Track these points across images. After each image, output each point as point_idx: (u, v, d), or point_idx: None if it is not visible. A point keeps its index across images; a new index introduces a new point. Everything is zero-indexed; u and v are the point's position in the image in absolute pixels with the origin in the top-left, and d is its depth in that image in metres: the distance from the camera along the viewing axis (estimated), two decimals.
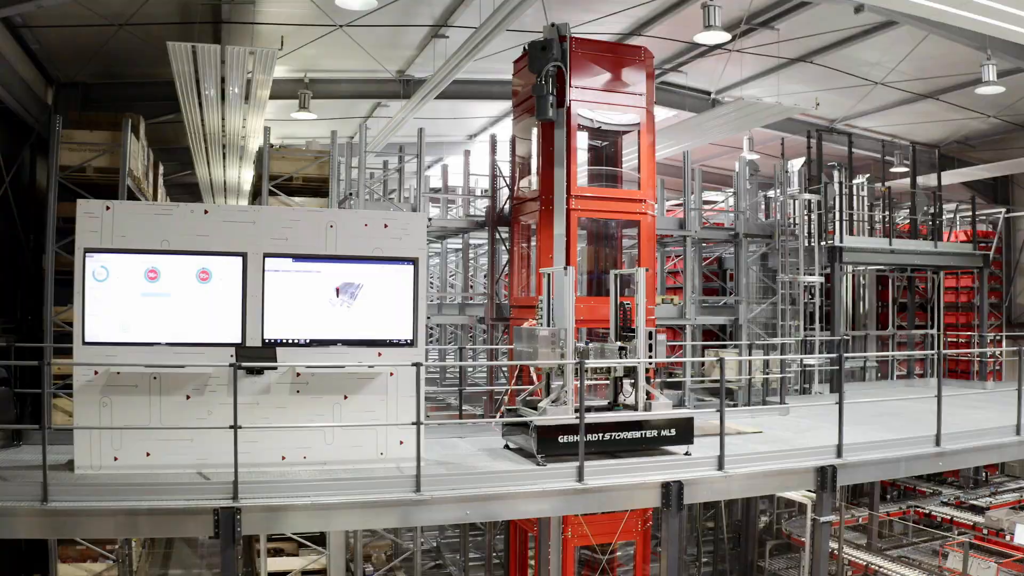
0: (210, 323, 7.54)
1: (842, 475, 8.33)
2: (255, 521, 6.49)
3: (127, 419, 7.29)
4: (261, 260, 7.60)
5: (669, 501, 7.37)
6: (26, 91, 11.73)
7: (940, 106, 16.37)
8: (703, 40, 11.67)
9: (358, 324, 7.81)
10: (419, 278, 7.96)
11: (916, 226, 15.84)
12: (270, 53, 10.73)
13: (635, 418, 8.16)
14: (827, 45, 14.50)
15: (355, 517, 6.81)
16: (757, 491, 9.58)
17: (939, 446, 9.08)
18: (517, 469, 7.61)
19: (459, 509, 6.88)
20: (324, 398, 7.71)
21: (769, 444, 9.36)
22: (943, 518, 13.48)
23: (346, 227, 7.79)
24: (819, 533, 8.24)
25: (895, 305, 17.49)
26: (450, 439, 9.35)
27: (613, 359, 8.56)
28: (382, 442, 7.83)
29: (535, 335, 8.31)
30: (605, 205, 11.40)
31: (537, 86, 10.67)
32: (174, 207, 7.57)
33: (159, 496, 6.52)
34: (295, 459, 7.62)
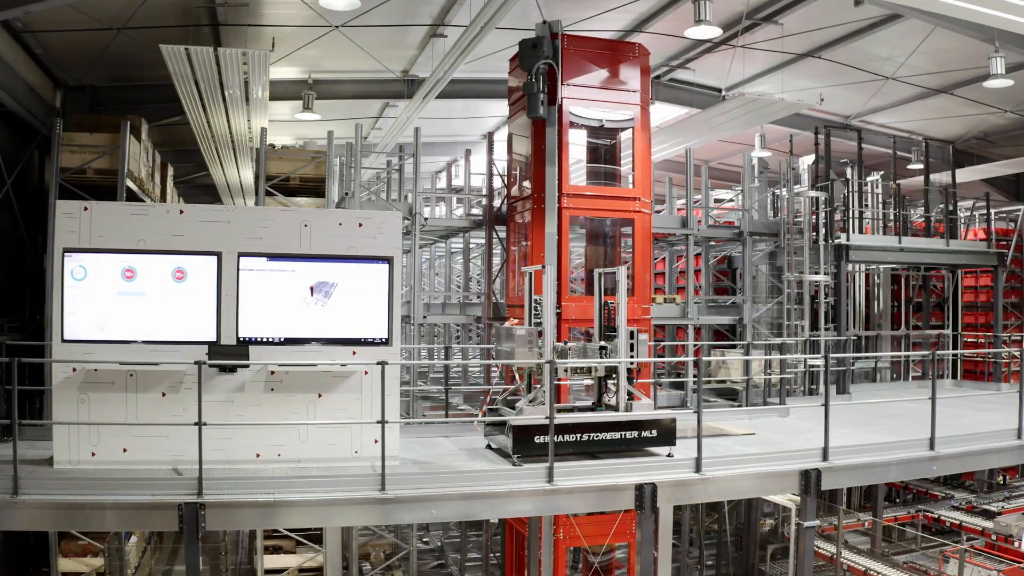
0: (185, 321, 7.63)
1: (827, 479, 8.13)
2: (219, 517, 6.53)
3: (104, 416, 7.40)
4: (236, 259, 7.66)
5: (643, 503, 7.25)
6: (31, 94, 12.01)
7: (955, 101, 15.94)
8: (695, 35, 11.49)
9: (332, 323, 7.83)
10: (394, 277, 7.96)
11: (930, 224, 15.42)
12: (262, 55, 10.83)
13: (611, 419, 8.06)
14: (834, 40, 14.21)
15: (318, 515, 6.81)
16: (737, 494, 9.41)
17: (933, 450, 8.81)
18: (489, 469, 7.57)
19: (424, 509, 6.85)
20: (298, 396, 7.75)
21: (759, 446, 9.18)
22: (952, 523, 13.10)
23: (320, 226, 7.82)
24: (803, 538, 8.05)
25: (910, 304, 17.06)
26: (435, 438, 9.34)
27: (593, 359, 8.47)
28: (357, 440, 7.84)
29: (512, 334, 8.26)
30: (598, 203, 11.29)
31: (528, 84, 10.61)
32: (150, 207, 7.70)
33: (126, 491, 6.61)
34: (270, 457, 7.67)
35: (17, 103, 11.35)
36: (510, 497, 7.00)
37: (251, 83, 12.16)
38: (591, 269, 13.24)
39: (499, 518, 9.73)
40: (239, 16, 11.70)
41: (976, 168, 17.21)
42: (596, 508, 7.61)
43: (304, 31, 12.96)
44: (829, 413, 8.34)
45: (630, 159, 11.64)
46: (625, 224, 12.31)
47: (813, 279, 13.58)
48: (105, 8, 10.70)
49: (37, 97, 12.34)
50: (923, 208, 15.78)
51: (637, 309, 11.36)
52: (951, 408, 12.57)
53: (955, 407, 12.63)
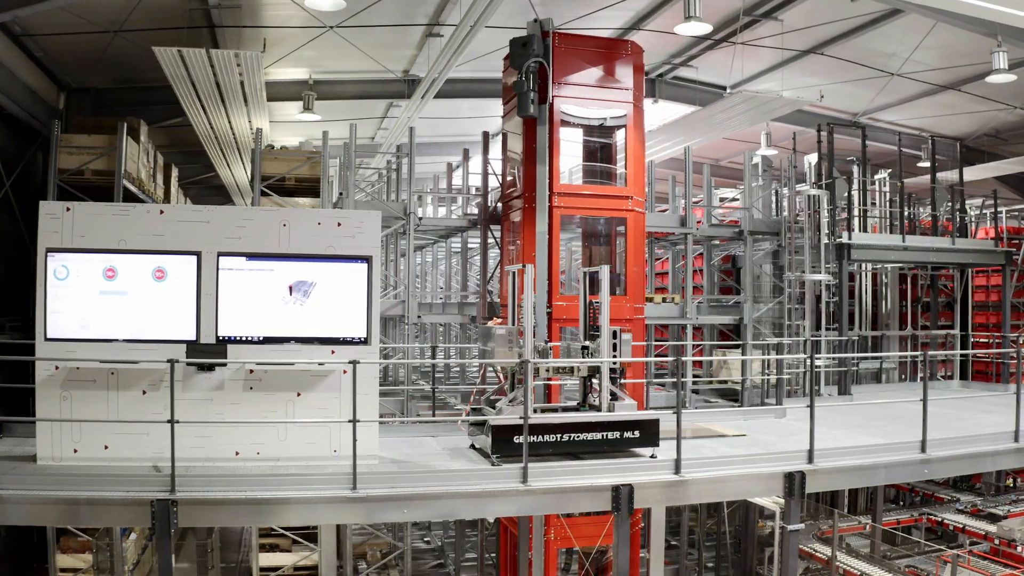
0: (166, 320, 7.70)
1: (812, 481, 8.00)
2: (191, 514, 6.58)
3: (86, 413, 7.50)
4: (215, 259, 7.73)
5: (619, 505, 7.19)
6: (32, 97, 12.19)
7: (963, 97, 15.64)
8: (685, 32, 11.38)
9: (311, 322, 7.86)
10: (373, 276, 7.97)
11: (936, 222, 15.14)
12: (254, 56, 10.90)
13: (591, 419, 8.00)
14: (837, 36, 13.99)
15: (289, 513, 6.84)
16: (718, 497, 9.29)
17: (924, 452, 8.64)
18: (466, 469, 7.56)
19: (396, 508, 6.85)
20: (277, 395, 7.79)
21: (747, 448, 9.07)
22: (955, 527, 12.85)
23: (299, 226, 7.86)
24: (787, 541, 7.93)
25: (918, 304, 16.77)
26: (422, 438, 9.34)
27: (576, 359, 8.42)
28: (336, 439, 7.86)
29: (492, 334, 8.23)
30: (589, 202, 11.23)
31: (518, 83, 10.58)
32: (131, 207, 7.76)
33: (101, 487, 6.69)
34: (249, 455, 7.72)
35: (17, 105, 11.52)
36: (483, 497, 6.98)
37: (247, 84, 12.27)
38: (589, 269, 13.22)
39: (470, 518, 9.67)
40: (234, 18, 11.78)
41: (987, 166, 16.87)
42: (572, 509, 7.58)
43: (303, 32, 13.04)
44: (814, 415, 8.21)
45: (624, 158, 11.56)
46: (621, 223, 12.23)
47: (814, 278, 13.39)
48: (101, 11, 10.83)
49: (39, 99, 12.53)
50: (932, 207, 15.49)
51: (630, 309, 11.29)
52: (953, 410, 12.35)
53: (958, 408, 12.40)
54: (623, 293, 11.31)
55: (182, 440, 7.44)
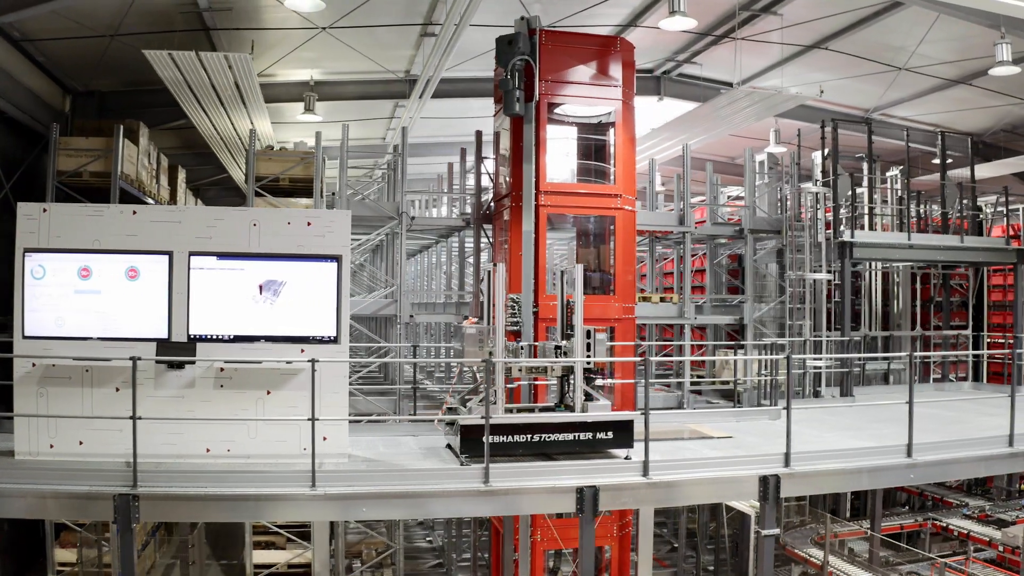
0: (139, 319, 7.80)
1: (788, 485, 7.80)
2: (153, 509, 6.66)
3: (62, 409, 7.63)
4: (187, 258, 7.81)
5: (583, 507, 7.10)
6: (35, 101, 12.47)
7: (976, 92, 15.21)
8: (669, 27, 11.23)
9: (281, 321, 7.90)
10: (343, 275, 7.98)
11: (947, 220, 14.72)
12: (244, 58, 11.02)
13: (562, 419, 7.91)
14: (839, 30, 13.72)
15: (249, 510, 6.89)
16: (688, 500, 9.12)
17: (911, 457, 8.39)
18: (432, 468, 7.52)
19: (355, 506, 6.86)
20: (247, 393, 7.84)
21: (730, 450, 8.88)
22: (960, 532, 12.47)
23: (269, 225, 7.90)
24: (762, 547, 7.74)
25: (930, 304, 16.33)
26: (402, 437, 9.31)
27: (548, 359, 8.34)
28: (305, 437, 7.81)
29: (463, 333, 8.20)
30: (576, 200, 11.12)
31: (503, 81, 10.52)
32: (105, 208, 7.88)
33: (68, 481, 6.79)
34: (219, 452, 7.78)
35: (18, 109, 11.80)
36: (444, 497, 6.94)
37: (242, 86, 12.42)
38: (585, 269, 13.11)
39: (431, 517, 9.63)
40: (228, 20, 11.92)
41: (1003, 162, 16.36)
42: (536, 511, 7.51)
43: (300, 33, 13.14)
44: (791, 417, 8.02)
45: (613, 155, 11.43)
46: (613, 222, 12.10)
47: (815, 277, 13.12)
48: (96, 15, 11.03)
49: (43, 103, 12.82)
50: (947, 204, 15.06)
51: (619, 308, 11.17)
52: (957, 412, 11.99)
53: (962, 411, 12.03)
54: (612, 293, 11.18)
55: (154, 437, 7.59)
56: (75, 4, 10.03)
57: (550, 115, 11.01)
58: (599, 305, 11.22)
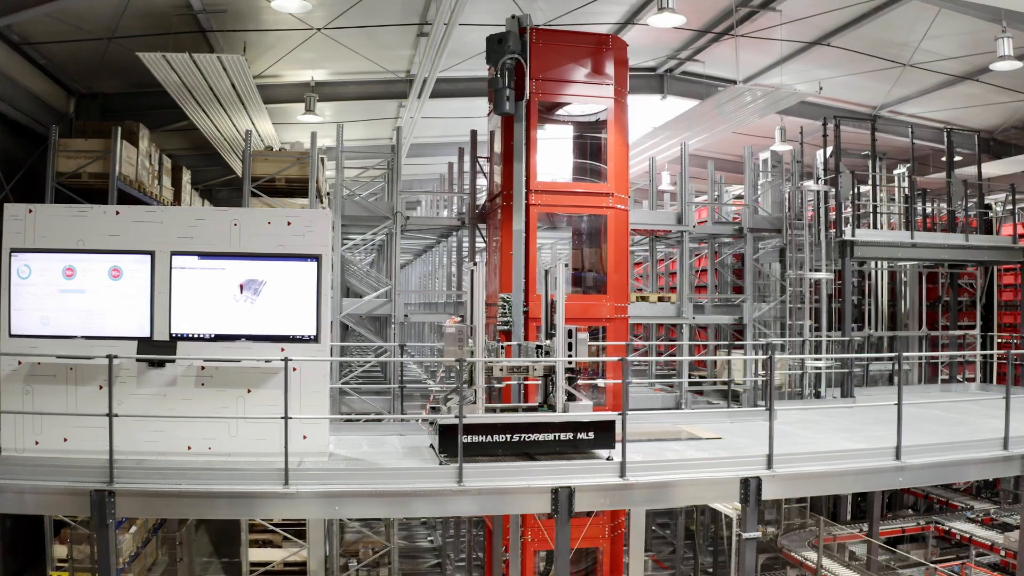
0: (122, 318, 7.88)
1: (769, 488, 7.70)
2: (129, 504, 6.74)
3: (47, 406, 7.71)
4: (168, 258, 7.87)
5: (558, 507, 7.05)
6: (36, 103, 12.67)
7: (984, 88, 14.94)
8: (657, 23, 11.13)
9: (262, 320, 7.93)
10: (323, 275, 8.01)
11: (953, 218, 14.45)
12: (237, 59, 11.10)
13: (541, 419, 7.86)
14: (840, 26, 13.55)
15: (222, 507, 6.93)
16: (668, 502, 9.04)
17: (899, 460, 8.23)
18: (409, 467, 7.53)
19: (328, 505, 6.88)
20: (228, 391, 7.88)
21: (717, 451, 8.77)
22: (962, 536, 12.23)
23: (250, 225, 7.94)
24: (744, 551, 7.64)
25: (938, 304, 16.04)
26: (388, 436, 9.31)
27: (527, 359, 8.31)
28: None
29: (443, 332, 8.19)
30: (567, 199, 11.08)
31: (493, 80, 10.52)
32: (88, 209, 7.97)
33: (49, 477, 6.89)
34: (200, 449, 7.82)
35: (19, 111, 11.99)
36: (416, 496, 6.93)
37: (238, 87, 12.52)
38: (580, 268, 13.06)
39: (404, 516, 9.63)
40: (223, 22, 12.02)
41: (1014, 159, 16.03)
42: (511, 511, 7.48)
43: (298, 35, 13.22)
44: (773, 417, 7.90)
45: (611, 154, 11.34)
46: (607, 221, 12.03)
47: (814, 276, 12.95)
48: (93, 18, 11.18)
49: (45, 105, 13.01)
50: (948, 202, 14.80)
51: (611, 308, 11.10)
52: (958, 414, 11.76)
53: (964, 412, 11.79)
54: (603, 292, 11.11)
55: (137, 434, 7.67)
56: (71, 6, 10.15)
57: (542, 113, 10.99)
58: (591, 305, 11.18)
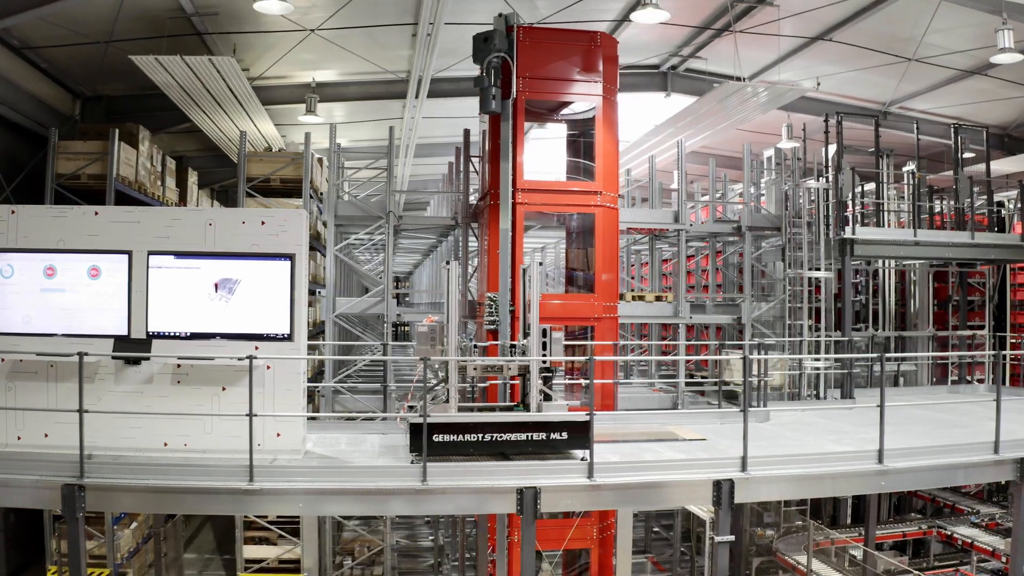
0: (100, 316, 8.02)
1: (743, 491, 7.57)
2: (99, 499, 6.86)
3: (28, 403, 7.90)
4: (145, 257, 7.99)
5: (523, 508, 7.02)
6: (39, 106, 12.93)
7: (995, 83, 14.57)
8: (641, 20, 11.04)
9: (236, 318, 8.01)
10: (297, 274, 8.06)
11: (960, 215, 14.09)
12: (227, 61, 11.23)
13: (509, 419, 7.83)
14: (841, 20, 13.29)
15: (188, 502, 7.03)
16: (637, 504, 8.91)
17: (881, 463, 8.04)
18: (377, 466, 7.55)
19: (291, 502, 6.92)
20: (204, 389, 7.98)
21: (699, 452, 8.65)
22: (964, 541, 11.92)
23: (225, 225, 8.03)
24: (716, 555, 7.52)
25: (948, 303, 15.67)
26: (370, 435, 9.35)
27: (503, 359, 8.29)
28: (259, 433, 7.93)
29: (416, 331, 8.20)
30: (555, 198, 11.05)
31: (479, 78, 10.51)
32: (68, 210, 8.13)
33: (25, 471, 7.04)
34: (176, 446, 7.93)
35: (21, 115, 12.25)
36: (380, 495, 6.95)
37: (234, 88, 12.67)
38: (574, 268, 13.00)
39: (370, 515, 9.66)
40: (217, 24, 12.16)
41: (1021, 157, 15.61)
42: (476, 511, 7.45)
43: (293, 36, 13.33)
44: (747, 419, 7.78)
45: (599, 152, 11.27)
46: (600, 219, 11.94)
47: (813, 275, 12.73)
48: (88, 22, 11.37)
49: (48, 108, 13.28)
50: (955, 199, 14.45)
51: (600, 307, 11.04)
52: (958, 416, 11.47)
53: (965, 415, 11.49)
54: (590, 291, 11.04)
55: (115, 431, 7.82)
56: (64, 10, 10.34)
57: (529, 112, 10.95)
58: (580, 304, 11.12)
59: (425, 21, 10.46)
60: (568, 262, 12.76)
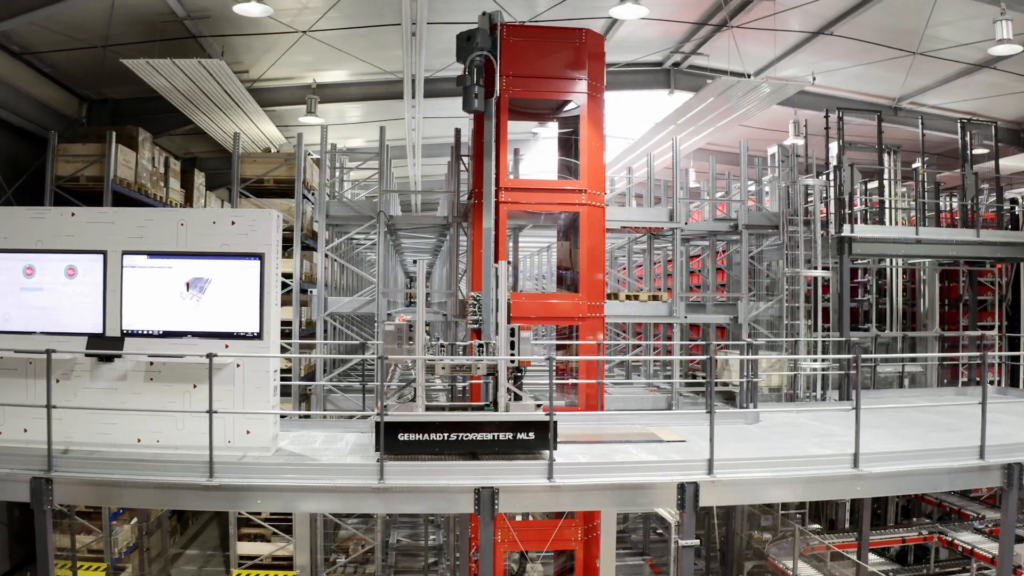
0: (77, 315, 8.19)
1: (708, 494, 7.44)
2: (66, 492, 7.03)
3: (8, 399, 8.09)
4: (120, 257, 8.14)
5: (480, 508, 7.00)
6: (42, 110, 13.24)
7: (1006, 76, 14.12)
8: (619, 15, 10.90)
9: (207, 317, 8.11)
10: (266, 273, 8.14)
11: (966, 212, 13.69)
12: (217, 63, 11.38)
13: (472, 419, 7.80)
14: (842, 13, 12.99)
15: (150, 497, 7.14)
16: (599, 505, 8.78)
17: (856, 468, 7.84)
18: (339, 463, 7.60)
19: (250, 498, 6.99)
20: (176, 386, 8.09)
21: (672, 455, 8.53)
22: (964, 548, 11.57)
23: (196, 225, 8.14)
24: (681, 559, 7.40)
25: (959, 303, 15.24)
26: (348, 433, 9.32)
27: (470, 358, 8.27)
28: (230, 431, 8.06)
29: (383, 330, 8.22)
30: (538, 197, 10.98)
31: (461, 77, 10.49)
32: (46, 211, 8.33)
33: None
34: (149, 442, 8.06)
35: (23, 118, 12.55)
36: (338, 492, 6.99)
37: (230, 90, 12.84)
38: (566, 267, 12.92)
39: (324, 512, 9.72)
40: (211, 28, 12.33)
41: None
42: (435, 510, 7.45)
43: (288, 37, 13.47)
44: (714, 421, 7.64)
45: (584, 150, 11.18)
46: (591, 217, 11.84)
47: (810, 274, 12.48)
48: (83, 27, 11.61)
49: (52, 111, 13.59)
50: (962, 196, 14.04)
51: (584, 307, 10.95)
52: (955, 419, 11.14)
53: (962, 417, 11.15)
54: (574, 291, 10.96)
55: (91, 427, 7.98)
56: (57, 15, 10.57)
57: (513, 110, 10.91)
58: (564, 304, 11.04)
59: (407, 20, 10.47)
60: (559, 261, 12.69)
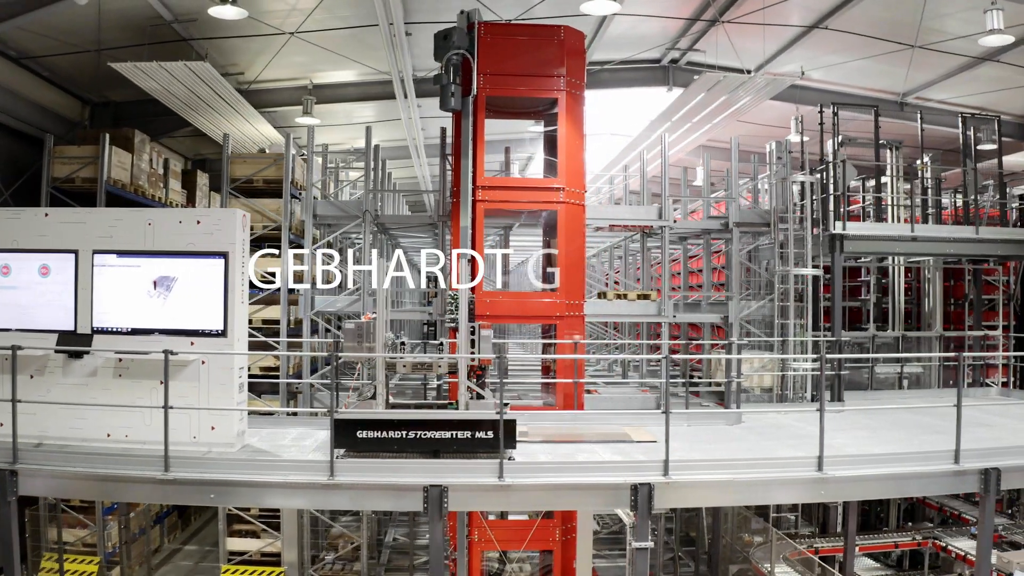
0: (50, 312, 8.40)
1: (663, 496, 7.37)
2: (29, 484, 7.25)
3: None
4: (91, 256, 8.33)
5: (429, 506, 7.02)
6: (43, 113, 13.57)
7: (1012, 70, 13.72)
8: (590, 10, 10.82)
9: (173, 314, 8.26)
10: (231, 271, 8.25)
11: (968, 209, 13.31)
12: (202, 66, 11.56)
13: (429, 417, 7.82)
14: (835, 7, 12.72)
15: (108, 490, 7.32)
16: (550, 505, 8.70)
17: (820, 471, 7.69)
18: (304, 460, 7.69)
19: (203, 492, 7.11)
20: (143, 383, 8.25)
21: (638, 455, 8.43)
22: (956, 554, 11.26)
23: (163, 224, 8.30)
24: (635, 562, 7.32)
25: (965, 302, 14.84)
26: (319, 431, 9.36)
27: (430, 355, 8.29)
28: (195, 427, 8.21)
29: (344, 328, 8.29)
30: (515, 195, 10.99)
31: (438, 76, 10.52)
32: (22, 212, 8.55)
33: None
34: (119, 437, 8.23)
35: (22, 121, 12.87)
36: (289, 488, 7.06)
37: (220, 92, 13.03)
38: (545, 265, 12.86)
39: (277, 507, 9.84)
40: (201, 31, 12.52)
41: None
42: (384, 507, 7.51)
43: (280, 39, 13.61)
44: (669, 422, 7.55)
45: (562, 148, 11.13)
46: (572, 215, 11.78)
47: (800, 273, 12.26)
48: (75, 31, 11.84)
49: (53, 115, 13.92)
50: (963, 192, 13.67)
51: (562, 305, 10.91)
52: (947, 422, 10.78)
53: (951, 419, 10.83)
54: (554, 290, 10.91)
55: (63, 421, 8.20)
56: (45, 20, 10.81)
57: (491, 109, 10.90)
58: (543, 302, 11.00)
59: (384, 21, 10.53)
60: (545, 260, 12.63)
